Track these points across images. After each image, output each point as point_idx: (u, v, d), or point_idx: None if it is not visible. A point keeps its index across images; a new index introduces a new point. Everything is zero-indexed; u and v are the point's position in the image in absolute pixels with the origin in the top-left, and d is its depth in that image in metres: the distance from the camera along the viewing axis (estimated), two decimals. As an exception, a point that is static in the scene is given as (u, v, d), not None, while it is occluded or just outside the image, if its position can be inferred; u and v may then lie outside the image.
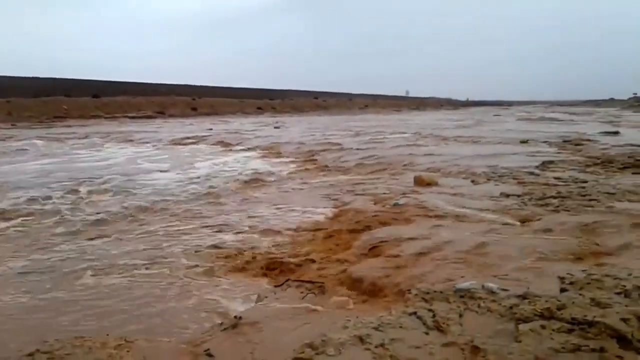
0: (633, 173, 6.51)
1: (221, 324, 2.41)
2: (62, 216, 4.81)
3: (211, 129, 17.74)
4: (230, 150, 11.46)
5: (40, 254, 3.68)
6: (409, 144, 11.67)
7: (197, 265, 3.34)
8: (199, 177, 7.24)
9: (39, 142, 12.94)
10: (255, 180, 6.81)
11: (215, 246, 3.76)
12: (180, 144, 12.72)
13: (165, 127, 19.53)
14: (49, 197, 5.53)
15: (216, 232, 4.20)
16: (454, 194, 5.38)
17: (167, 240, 4.00)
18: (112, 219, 4.72)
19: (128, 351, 2.15)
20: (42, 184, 6.55)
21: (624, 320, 1.97)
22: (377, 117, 30.87)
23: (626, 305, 2.13)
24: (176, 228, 4.36)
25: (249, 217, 4.70)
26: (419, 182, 6.05)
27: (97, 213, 4.92)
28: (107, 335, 2.31)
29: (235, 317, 2.43)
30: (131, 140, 13.57)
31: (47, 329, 2.46)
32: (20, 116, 23.24)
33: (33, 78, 31.33)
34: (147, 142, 13.05)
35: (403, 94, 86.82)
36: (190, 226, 4.41)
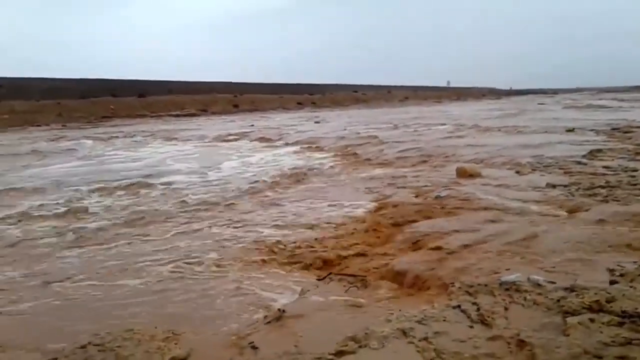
0: (687, 160, 6.24)
1: (265, 317, 2.45)
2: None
3: (253, 125, 17.93)
4: (272, 145, 11.56)
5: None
6: (450, 136, 11.51)
7: (240, 259, 3.40)
8: (239, 174, 7.35)
9: (87, 141, 13.38)
10: (296, 175, 6.85)
11: (257, 240, 3.81)
12: (223, 140, 12.92)
13: (208, 125, 19.86)
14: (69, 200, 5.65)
15: (258, 226, 4.26)
16: (498, 185, 5.29)
17: (211, 235, 4.09)
18: (177, 211, 4.85)
19: (176, 343, 2.22)
20: (66, 184, 6.75)
21: (678, 313, 1.91)
22: (418, 109, 30.51)
23: (680, 298, 2.06)
24: (220, 223, 4.44)
25: (291, 211, 4.74)
26: (461, 173, 5.97)
27: (141, 208, 5.06)
28: (156, 327, 2.38)
29: (279, 310, 2.47)
30: (175, 138, 13.85)
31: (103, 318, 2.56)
32: (71, 117, 24.03)
33: (80, 79, 32.41)
34: (190, 140, 13.30)
35: (444, 84, 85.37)
36: (233, 221, 4.48)
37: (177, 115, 27.36)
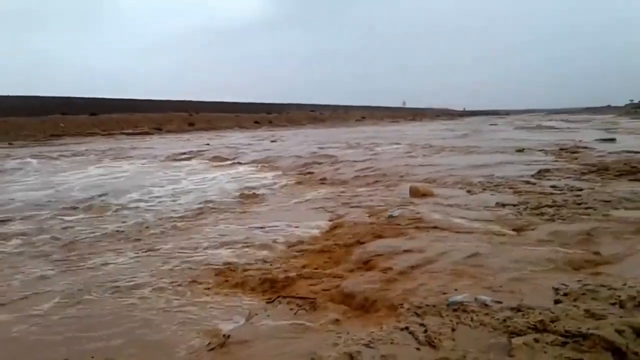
0: (629, 180, 6.49)
1: (209, 344, 2.35)
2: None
3: (208, 144, 17.71)
4: (226, 164, 11.42)
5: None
6: (405, 155, 11.67)
7: (185, 283, 3.28)
8: (190, 193, 7.18)
9: (33, 160, 12.90)
10: (250, 195, 6.76)
11: (204, 263, 3.69)
12: (176, 160, 12.68)
13: (162, 143, 19.52)
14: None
15: (206, 248, 4.14)
16: (450, 205, 5.35)
17: (155, 257, 3.94)
18: (109, 236, 4.66)
19: (113, 374, 2.10)
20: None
21: (619, 332, 1.94)
22: (374, 129, 30.88)
23: (621, 317, 2.10)
24: (164, 245, 4.29)
25: (241, 232, 4.64)
26: (414, 193, 6.02)
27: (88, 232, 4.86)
28: (92, 358, 2.25)
29: (223, 336, 2.38)
30: (128, 157, 13.54)
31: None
32: (18, 135, 23.22)
33: (30, 97, 31.43)
34: (143, 159, 13.01)
35: (400, 104, 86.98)
36: (180, 243, 4.35)
37: (130, 134, 26.83)
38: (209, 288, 3.20)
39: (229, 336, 2.36)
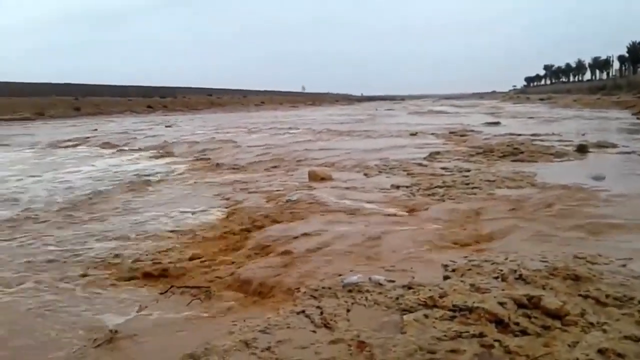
0: (512, 160, 6.98)
1: (95, 340, 2.19)
2: None
3: (96, 130, 16.73)
4: (117, 151, 10.83)
5: None
6: (304, 140, 11.73)
7: (70, 277, 3.04)
8: (77, 182, 6.71)
9: None
10: (143, 182, 6.45)
11: (92, 254, 3.46)
12: (60, 147, 11.82)
13: (45, 129, 18.16)
14: None
15: (94, 239, 3.87)
16: (347, 188, 5.43)
17: (37, 250, 3.63)
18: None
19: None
20: None
21: (501, 304, 2.05)
22: (273, 114, 30.80)
23: (503, 290, 2.22)
24: (48, 237, 3.97)
25: (133, 221, 4.40)
26: (313, 177, 6.05)
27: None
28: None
29: (110, 330, 2.24)
30: (5, 145, 12.44)
31: None
32: None
33: None
34: (22, 146, 12.01)
35: (299, 89, 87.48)
36: (64, 234, 4.04)
37: (9, 119, 24.69)
38: (95, 281, 2.99)
39: (116, 331, 2.22)
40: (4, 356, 2.14)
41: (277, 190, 5.47)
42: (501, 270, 2.50)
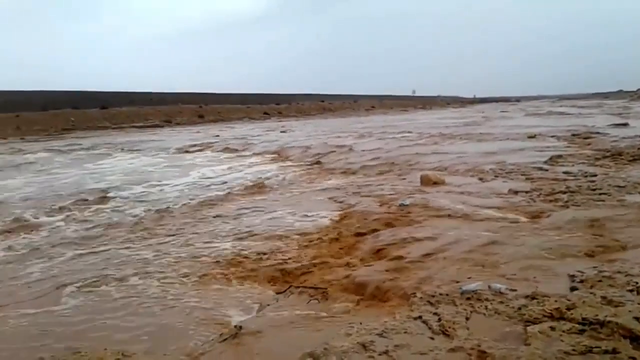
0: (644, 165, 6.39)
1: (221, 334, 2.35)
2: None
3: (218, 136, 17.71)
4: (237, 156, 11.41)
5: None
6: (415, 144, 11.58)
7: (198, 274, 3.28)
8: (202, 184, 7.20)
9: (45, 154, 12.98)
10: (260, 185, 6.75)
11: (216, 254, 3.70)
12: (186, 152, 12.69)
13: (173, 136, 19.55)
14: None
15: (218, 239, 4.14)
16: (461, 193, 5.30)
17: (166, 247, 3.95)
18: (117, 225, 4.68)
19: (126, 366, 2.10)
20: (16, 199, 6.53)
21: (637, 319, 1.90)
22: (384, 118, 30.71)
23: (638, 303, 2.05)
24: (177, 236, 4.30)
25: (253, 223, 4.63)
26: (425, 181, 5.97)
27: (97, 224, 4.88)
28: (105, 349, 2.25)
29: (235, 326, 2.37)
30: (138, 150, 13.57)
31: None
32: (29, 130, 23.36)
33: (41, 92, 31.55)
34: (153, 151, 13.04)
35: (409, 93, 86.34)
36: (192, 234, 4.35)
37: (141, 127, 26.89)
38: (218, 278, 3.19)
39: (240, 327, 2.35)
40: (140, 342, 2.35)
41: (390, 194, 5.47)
42: (636, 283, 2.31)
